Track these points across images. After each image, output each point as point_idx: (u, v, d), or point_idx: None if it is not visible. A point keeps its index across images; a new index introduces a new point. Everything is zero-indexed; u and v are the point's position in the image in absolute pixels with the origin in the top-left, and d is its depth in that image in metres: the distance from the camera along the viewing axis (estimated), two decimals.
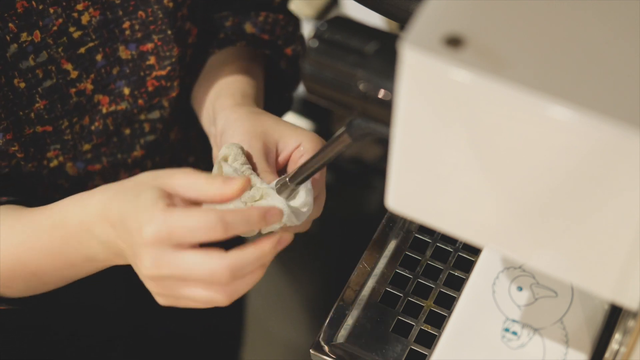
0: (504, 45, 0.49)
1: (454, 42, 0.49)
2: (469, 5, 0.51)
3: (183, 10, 0.90)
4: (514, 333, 0.74)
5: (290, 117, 1.51)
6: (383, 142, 1.69)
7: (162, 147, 0.98)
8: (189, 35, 0.92)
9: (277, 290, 1.69)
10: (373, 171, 1.64)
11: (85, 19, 0.85)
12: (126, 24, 0.88)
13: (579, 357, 0.73)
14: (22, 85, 0.83)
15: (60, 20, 0.83)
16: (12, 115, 0.83)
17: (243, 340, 1.29)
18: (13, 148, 0.85)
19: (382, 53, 0.58)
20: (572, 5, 0.50)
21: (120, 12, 0.87)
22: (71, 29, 0.84)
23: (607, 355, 0.73)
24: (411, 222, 0.85)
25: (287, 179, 0.73)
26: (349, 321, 0.79)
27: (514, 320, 0.75)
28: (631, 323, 0.68)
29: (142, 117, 0.93)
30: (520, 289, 0.77)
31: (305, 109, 1.61)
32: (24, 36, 0.82)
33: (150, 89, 0.91)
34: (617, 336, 0.73)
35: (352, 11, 1.65)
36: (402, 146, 0.54)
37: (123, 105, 0.91)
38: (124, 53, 0.89)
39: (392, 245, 0.84)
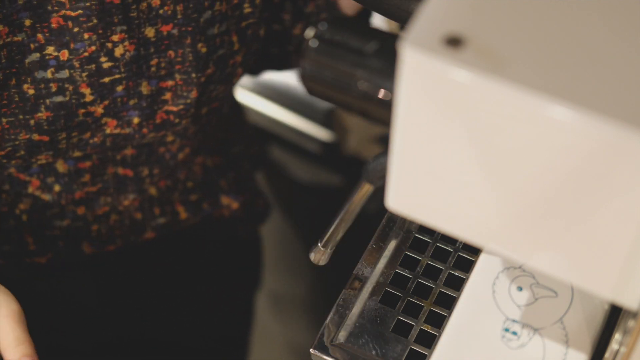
0: (504, 45, 0.49)
1: (454, 42, 0.49)
2: (469, 5, 0.51)
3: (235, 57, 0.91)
4: (514, 333, 0.74)
5: (291, 117, 1.52)
6: (383, 142, 1.69)
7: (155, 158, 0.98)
8: (234, 77, 0.93)
9: (277, 290, 1.69)
10: None
11: (119, 51, 0.84)
12: (154, 61, 0.87)
13: (579, 357, 0.73)
14: (31, 91, 0.82)
15: (93, 48, 0.82)
16: (13, 116, 0.83)
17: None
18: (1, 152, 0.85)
19: (382, 53, 0.58)
20: (573, 5, 0.50)
21: (152, 49, 0.86)
22: (102, 59, 0.83)
23: (607, 355, 0.73)
24: (411, 222, 0.85)
25: (320, 244, 0.75)
26: (349, 321, 0.79)
27: (514, 320, 0.75)
28: (631, 323, 0.68)
29: (144, 140, 0.93)
30: (520, 289, 0.77)
31: (306, 109, 1.61)
32: (50, 49, 0.81)
33: (158, 121, 0.91)
34: (617, 336, 0.73)
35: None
36: (402, 146, 0.54)
37: (128, 130, 0.90)
38: (145, 88, 0.88)
39: (392, 245, 0.84)
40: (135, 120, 0.89)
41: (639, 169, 0.46)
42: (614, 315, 0.75)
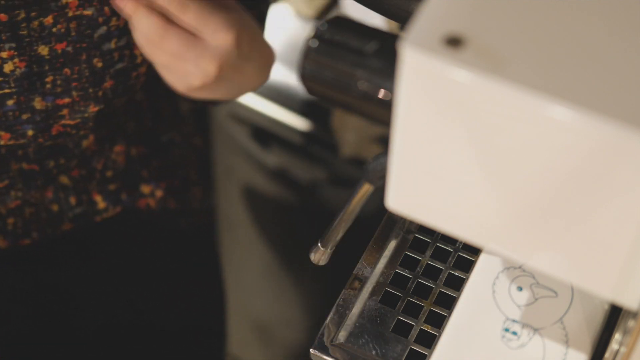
0: (504, 45, 0.49)
1: (454, 42, 0.49)
2: (469, 5, 0.51)
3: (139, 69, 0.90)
4: (514, 333, 0.74)
5: (291, 116, 1.52)
6: (383, 142, 1.69)
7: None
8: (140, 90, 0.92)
9: (277, 290, 1.69)
10: None
11: (8, 67, 0.84)
12: (49, 78, 0.86)
13: (579, 357, 0.73)
14: None
15: None
16: None
17: (243, 340, 1.28)
18: None
19: (382, 53, 0.58)
20: (573, 5, 0.50)
21: (47, 67, 0.86)
22: None
23: (607, 355, 0.73)
24: (411, 222, 0.85)
25: (320, 245, 0.75)
26: (349, 321, 0.79)
27: (514, 320, 0.75)
28: (631, 323, 0.68)
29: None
30: (520, 289, 0.77)
31: (306, 109, 1.61)
32: None
33: (54, 132, 0.90)
34: (617, 336, 0.73)
35: (352, 11, 1.65)
36: (402, 146, 0.54)
37: (23, 141, 0.90)
38: (39, 104, 0.87)
39: (392, 245, 0.84)
40: (30, 132, 0.89)
41: (639, 169, 0.46)
42: (614, 315, 0.75)
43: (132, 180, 1.06)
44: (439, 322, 0.79)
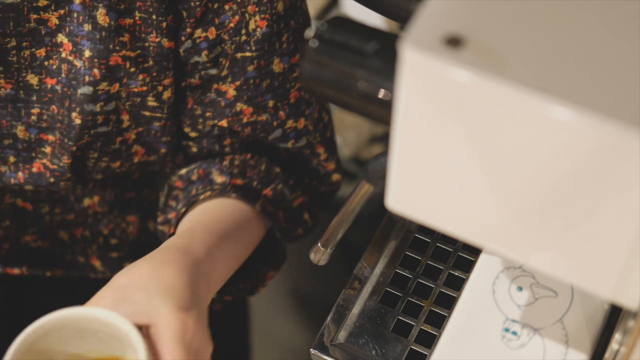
0: (504, 45, 0.49)
1: (454, 42, 0.49)
2: (469, 5, 0.51)
3: (129, 132, 0.87)
4: (514, 333, 0.74)
5: None
6: (383, 142, 1.69)
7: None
8: (134, 155, 0.89)
9: (277, 290, 1.69)
10: None
11: None
12: (36, 110, 0.85)
13: (579, 357, 0.73)
14: None
15: None
16: None
17: (243, 340, 1.29)
18: None
19: (382, 53, 0.58)
20: (572, 5, 0.50)
21: (35, 97, 0.84)
22: None
23: (607, 355, 0.73)
24: (411, 222, 0.85)
25: (320, 244, 0.74)
26: (349, 321, 0.79)
27: (514, 320, 0.75)
28: (631, 323, 0.68)
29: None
30: (520, 289, 0.77)
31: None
32: None
33: (34, 170, 0.88)
34: (617, 336, 0.73)
35: (352, 11, 1.65)
36: (402, 146, 0.54)
37: (3, 169, 0.88)
38: (22, 133, 0.86)
39: (392, 245, 0.84)
40: (12, 159, 0.87)
41: (639, 169, 0.46)
42: (614, 315, 0.75)
43: (141, 253, 0.97)
44: (439, 322, 0.79)
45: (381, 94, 0.58)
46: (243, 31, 0.83)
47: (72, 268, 1.01)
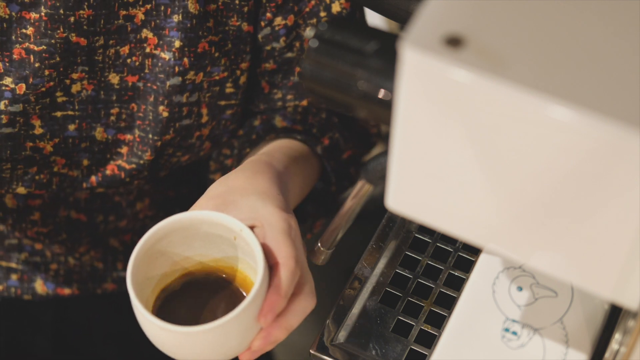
0: (504, 45, 0.49)
1: (454, 42, 0.49)
2: (469, 5, 0.51)
3: (203, 130, 0.88)
4: (514, 333, 0.74)
5: None
6: (383, 142, 1.68)
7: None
8: (202, 150, 0.90)
9: None
10: None
11: (75, 88, 0.83)
12: (115, 110, 0.85)
13: (579, 357, 0.73)
14: None
15: (52, 83, 0.81)
16: None
17: None
18: None
19: (382, 53, 0.58)
20: (572, 5, 0.50)
21: (114, 97, 0.85)
22: (58, 93, 0.83)
23: (607, 355, 0.73)
24: (411, 222, 0.85)
25: (320, 244, 0.74)
26: (349, 321, 0.79)
27: (514, 320, 0.75)
28: (631, 323, 0.68)
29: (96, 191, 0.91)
30: (520, 289, 0.77)
31: None
32: (8, 81, 0.80)
33: (108, 172, 0.89)
34: (617, 336, 0.73)
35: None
36: (402, 146, 0.54)
37: (75, 173, 0.88)
38: (100, 134, 0.86)
39: (392, 245, 0.84)
40: (85, 162, 0.87)
41: (639, 169, 0.46)
42: (614, 315, 0.75)
43: None
44: (439, 322, 0.79)
45: (381, 94, 0.58)
46: (322, 14, 0.85)
47: (123, 282, 1.01)
